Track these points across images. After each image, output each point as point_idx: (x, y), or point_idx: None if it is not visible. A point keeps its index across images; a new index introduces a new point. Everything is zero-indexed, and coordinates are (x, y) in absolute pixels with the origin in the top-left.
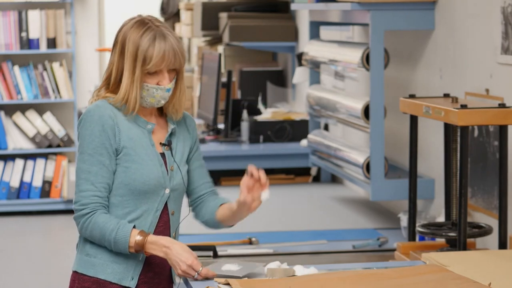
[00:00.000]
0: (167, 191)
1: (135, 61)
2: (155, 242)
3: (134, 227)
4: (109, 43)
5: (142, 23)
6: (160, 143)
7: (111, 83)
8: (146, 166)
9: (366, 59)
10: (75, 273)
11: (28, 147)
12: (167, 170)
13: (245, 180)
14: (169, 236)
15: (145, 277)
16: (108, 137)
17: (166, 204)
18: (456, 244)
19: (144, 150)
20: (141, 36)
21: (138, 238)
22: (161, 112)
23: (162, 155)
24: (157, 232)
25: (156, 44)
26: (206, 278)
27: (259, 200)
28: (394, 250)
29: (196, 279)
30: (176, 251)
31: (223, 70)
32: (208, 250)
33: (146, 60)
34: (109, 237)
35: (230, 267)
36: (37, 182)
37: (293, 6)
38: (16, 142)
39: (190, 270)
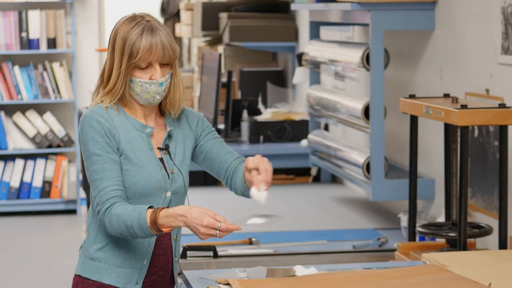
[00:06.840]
0: (169, 194)
1: (122, 54)
2: (169, 214)
3: (151, 207)
4: None
5: (133, 19)
6: (158, 148)
7: (104, 79)
8: (147, 169)
9: (366, 59)
10: (78, 276)
11: (28, 147)
12: (168, 173)
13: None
14: (170, 238)
15: (149, 280)
16: (108, 138)
17: (167, 207)
18: (456, 244)
19: (143, 154)
20: (129, 31)
21: (150, 216)
22: (163, 113)
23: (161, 159)
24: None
25: (143, 38)
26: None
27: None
28: (394, 250)
29: (221, 238)
30: (191, 217)
31: (223, 70)
32: (209, 250)
33: (133, 54)
34: (131, 224)
35: (255, 220)
36: (37, 182)
37: (293, 6)
38: (16, 142)
39: (209, 230)
